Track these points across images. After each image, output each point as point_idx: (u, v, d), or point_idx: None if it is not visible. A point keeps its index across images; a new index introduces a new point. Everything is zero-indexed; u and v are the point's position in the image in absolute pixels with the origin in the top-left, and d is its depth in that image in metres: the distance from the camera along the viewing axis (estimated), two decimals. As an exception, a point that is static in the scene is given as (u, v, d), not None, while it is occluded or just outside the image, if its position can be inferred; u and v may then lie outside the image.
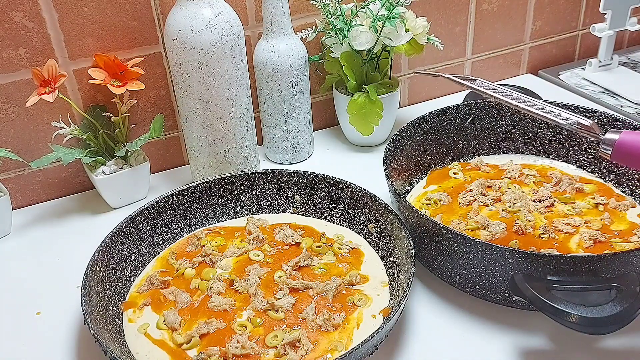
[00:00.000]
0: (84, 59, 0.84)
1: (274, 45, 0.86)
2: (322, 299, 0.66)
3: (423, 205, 0.79)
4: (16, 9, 0.78)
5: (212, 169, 0.87)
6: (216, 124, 0.83)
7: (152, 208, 0.74)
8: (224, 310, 0.65)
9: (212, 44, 0.76)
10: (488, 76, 1.18)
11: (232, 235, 0.77)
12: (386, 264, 0.71)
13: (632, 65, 1.20)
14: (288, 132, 0.93)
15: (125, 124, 0.86)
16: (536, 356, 0.61)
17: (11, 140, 0.84)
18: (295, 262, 0.70)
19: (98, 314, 0.61)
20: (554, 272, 0.58)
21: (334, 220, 0.78)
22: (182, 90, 0.81)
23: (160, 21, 0.87)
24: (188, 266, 0.72)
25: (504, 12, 1.13)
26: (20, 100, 0.82)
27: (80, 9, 0.81)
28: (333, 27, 0.91)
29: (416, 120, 0.83)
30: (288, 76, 0.88)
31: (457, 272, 0.66)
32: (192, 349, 0.61)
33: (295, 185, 0.80)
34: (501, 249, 0.60)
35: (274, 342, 0.60)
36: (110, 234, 0.69)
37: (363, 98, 0.92)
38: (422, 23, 0.93)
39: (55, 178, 0.90)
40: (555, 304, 0.54)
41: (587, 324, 0.53)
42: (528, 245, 0.70)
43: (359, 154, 0.99)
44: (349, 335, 0.61)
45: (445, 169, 0.86)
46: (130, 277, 0.70)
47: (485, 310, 0.65)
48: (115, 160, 0.86)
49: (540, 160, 0.87)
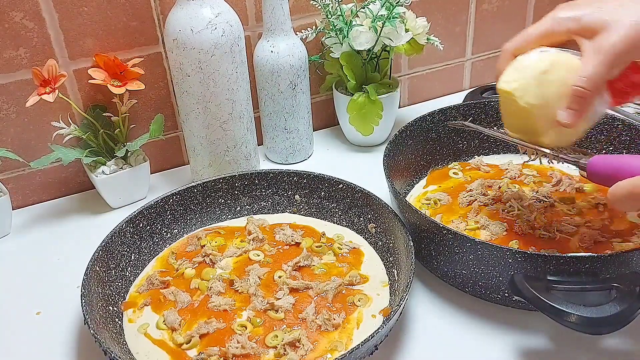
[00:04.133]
0: (84, 59, 0.84)
1: (274, 45, 0.86)
2: (322, 299, 0.66)
3: (423, 205, 0.79)
4: (16, 9, 0.78)
5: (212, 169, 0.87)
6: (216, 124, 0.83)
7: (152, 208, 0.74)
8: (224, 310, 0.65)
9: (212, 44, 0.76)
10: (488, 76, 1.18)
11: (232, 235, 0.77)
12: (386, 264, 0.71)
13: (632, 65, 1.20)
14: (288, 132, 0.93)
15: (125, 124, 0.86)
16: (536, 356, 0.61)
17: (11, 140, 0.84)
18: (295, 262, 0.70)
19: (98, 314, 0.61)
20: (554, 272, 0.58)
21: (334, 220, 0.78)
22: (182, 90, 0.81)
23: (160, 21, 0.87)
24: (188, 266, 0.72)
25: (504, 12, 1.13)
26: (20, 100, 0.82)
27: (80, 9, 0.81)
28: (333, 27, 0.91)
29: (416, 120, 0.83)
30: (288, 76, 0.88)
31: (457, 272, 0.66)
32: (192, 349, 0.61)
33: (295, 185, 0.80)
34: (501, 249, 0.60)
35: (274, 342, 0.60)
36: (110, 234, 0.69)
37: (363, 98, 0.92)
38: (422, 23, 0.93)
39: (55, 178, 0.90)
40: (555, 304, 0.54)
41: (587, 324, 0.53)
42: (528, 245, 0.70)
43: (359, 154, 0.99)
44: (349, 335, 0.61)
45: (445, 169, 0.86)
46: (130, 277, 0.70)
47: (485, 310, 0.65)
48: (115, 160, 0.86)
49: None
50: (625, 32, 0.54)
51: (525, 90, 0.60)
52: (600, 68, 0.55)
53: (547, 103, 0.59)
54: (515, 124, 0.64)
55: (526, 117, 0.61)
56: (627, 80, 0.60)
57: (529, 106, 0.60)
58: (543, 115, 0.60)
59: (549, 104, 0.59)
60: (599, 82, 0.56)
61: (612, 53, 0.54)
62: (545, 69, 0.59)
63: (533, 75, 0.60)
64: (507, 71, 0.62)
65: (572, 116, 0.58)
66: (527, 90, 0.60)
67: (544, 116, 0.60)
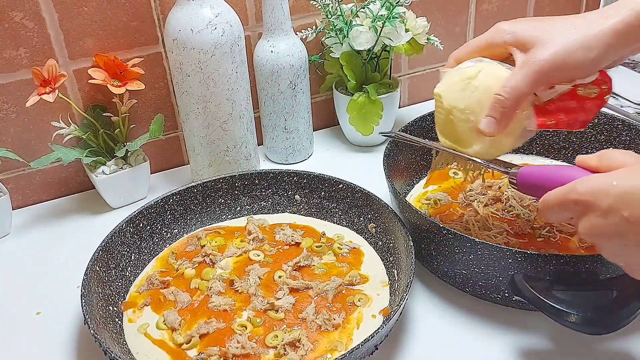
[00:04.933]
0: (84, 59, 0.84)
1: (274, 45, 0.86)
2: (322, 299, 0.66)
3: (423, 205, 0.79)
4: (16, 9, 0.78)
5: (212, 169, 0.87)
6: (216, 124, 0.83)
7: (152, 208, 0.74)
8: (224, 310, 0.65)
9: (212, 44, 0.76)
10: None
11: (232, 235, 0.77)
12: (386, 264, 0.71)
13: (632, 65, 1.20)
14: (288, 132, 0.93)
15: (125, 124, 0.86)
16: (536, 356, 0.61)
17: (11, 140, 0.84)
18: (295, 262, 0.70)
19: (98, 314, 0.61)
20: (554, 272, 0.58)
21: (334, 220, 0.78)
22: (182, 90, 0.81)
23: (160, 21, 0.87)
24: (188, 266, 0.72)
25: (504, 12, 1.13)
26: (20, 100, 0.82)
27: (80, 9, 0.81)
28: (333, 27, 0.91)
29: (416, 120, 0.83)
30: (288, 76, 0.88)
31: (457, 272, 0.66)
32: (192, 349, 0.61)
33: (295, 185, 0.80)
34: (501, 249, 0.60)
35: (274, 342, 0.60)
36: (110, 234, 0.69)
37: (363, 98, 0.92)
38: (422, 23, 0.93)
39: (55, 178, 0.90)
40: (555, 304, 0.54)
41: (587, 324, 0.53)
42: (528, 245, 0.70)
43: (359, 154, 0.99)
44: (349, 335, 0.61)
45: (445, 169, 0.86)
46: (130, 277, 0.70)
47: (485, 310, 0.65)
48: (115, 160, 0.86)
49: (540, 160, 0.87)
50: (554, 50, 0.55)
51: (450, 92, 0.62)
52: (524, 80, 0.56)
53: (469, 108, 0.60)
54: (445, 131, 0.65)
55: (451, 122, 0.62)
56: (562, 104, 0.59)
57: (450, 107, 0.61)
58: (465, 120, 0.61)
59: (472, 109, 0.60)
60: (520, 95, 0.57)
61: (538, 68, 0.55)
62: (472, 75, 0.60)
63: (460, 80, 0.61)
64: (443, 76, 0.64)
65: (492, 124, 0.58)
66: (450, 93, 0.62)
67: (466, 122, 0.61)
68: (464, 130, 0.62)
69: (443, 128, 0.65)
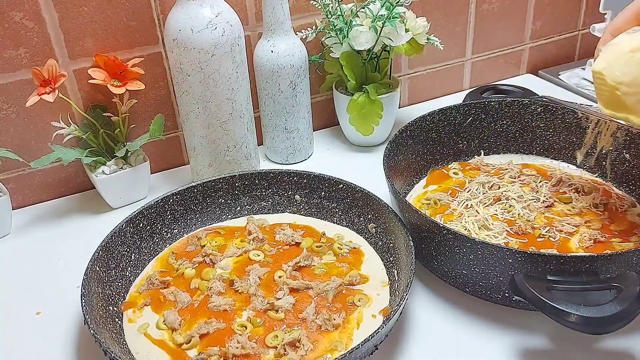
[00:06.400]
0: (84, 59, 0.84)
1: (274, 45, 0.86)
2: (322, 299, 0.66)
3: (423, 205, 0.79)
4: (16, 8, 0.78)
5: (212, 169, 0.87)
6: (216, 124, 0.83)
7: (152, 208, 0.74)
8: (224, 311, 0.65)
9: (212, 44, 0.76)
10: (488, 76, 1.18)
11: (232, 235, 0.77)
12: (386, 264, 0.71)
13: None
14: (288, 132, 0.93)
15: (125, 124, 0.86)
16: (536, 356, 0.61)
17: (11, 140, 0.84)
18: (296, 262, 0.70)
19: (98, 314, 0.61)
20: (554, 272, 0.58)
21: (334, 220, 0.78)
22: (182, 90, 0.81)
23: (160, 21, 0.87)
24: (188, 266, 0.72)
25: (504, 12, 1.13)
26: (20, 100, 0.82)
27: (80, 9, 0.81)
28: (333, 27, 0.91)
29: (416, 120, 0.83)
30: (288, 76, 0.88)
31: (457, 272, 0.66)
32: (192, 349, 0.61)
33: (295, 185, 0.80)
34: (501, 249, 0.60)
35: (274, 342, 0.60)
36: (110, 234, 0.69)
37: (363, 98, 0.92)
38: (422, 23, 0.93)
39: (55, 178, 0.90)
40: (555, 304, 0.54)
41: (587, 324, 0.53)
42: (528, 245, 0.70)
43: (359, 154, 0.99)
44: (349, 335, 0.61)
45: (445, 169, 0.86)
46: (130, 277, 0.70)
47: (485, 310, 0.65)
48: (115, 160, 0.86)
49: (540, 160, 0.87)
50: None
51: (612, 68, 0.60)
52: None
53: (635, 81, 0.59)
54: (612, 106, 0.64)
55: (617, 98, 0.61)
56: None
57: (615, 84, 0.60)
58: (634, 94, 0.60)
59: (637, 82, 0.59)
60: None
61: None
62: (633, 48, 0.59)
63: (621, 54, 0.60)
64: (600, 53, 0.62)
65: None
66: (613, 69, 0.60)
67: (636, 95, 0.60)
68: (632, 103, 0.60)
69: (609, 103, 0.64)
